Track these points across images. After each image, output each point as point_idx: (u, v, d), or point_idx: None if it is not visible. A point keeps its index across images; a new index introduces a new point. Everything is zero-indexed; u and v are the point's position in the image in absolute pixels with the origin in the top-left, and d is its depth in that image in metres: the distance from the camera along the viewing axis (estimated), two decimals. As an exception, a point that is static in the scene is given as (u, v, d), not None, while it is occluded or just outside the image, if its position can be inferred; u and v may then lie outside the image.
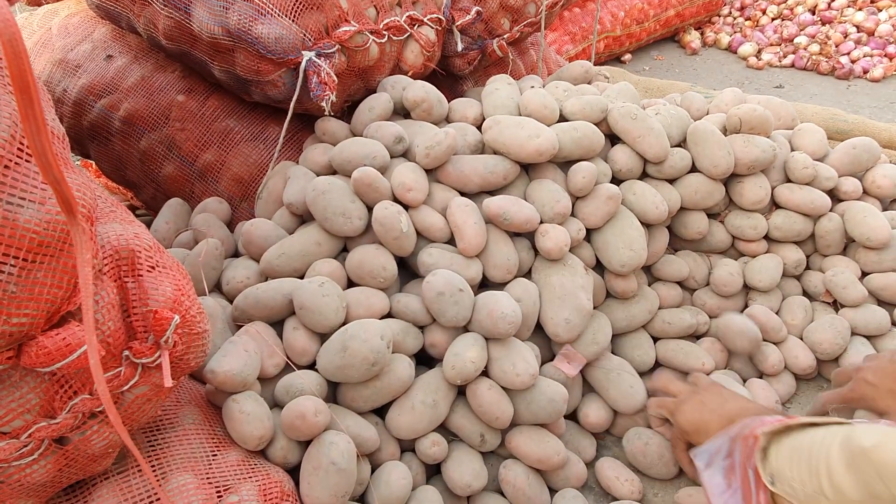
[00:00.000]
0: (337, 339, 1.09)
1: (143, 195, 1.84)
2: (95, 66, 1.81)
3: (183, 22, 1.45)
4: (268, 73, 1.40)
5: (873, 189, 1.54)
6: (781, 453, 0.87)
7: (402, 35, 1.54)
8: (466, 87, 1.96)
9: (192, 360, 0.87)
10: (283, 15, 1.35)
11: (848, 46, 3.71)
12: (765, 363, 1.39)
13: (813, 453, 0.81)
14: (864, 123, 2.45)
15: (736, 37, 4.11)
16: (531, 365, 1.14)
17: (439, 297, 1.15)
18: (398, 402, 1.14)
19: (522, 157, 1.31)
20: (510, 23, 1.87)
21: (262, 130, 1.64)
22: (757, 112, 1.46)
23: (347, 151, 1.33)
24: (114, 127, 1.74)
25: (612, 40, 3.89)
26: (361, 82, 1.55)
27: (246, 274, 1.29)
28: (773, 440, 0.90)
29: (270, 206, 1.47)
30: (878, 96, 3.33)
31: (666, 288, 1.47)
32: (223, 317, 1.18)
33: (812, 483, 0.80)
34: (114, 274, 0.81)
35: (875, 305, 1.43)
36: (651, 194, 1.38)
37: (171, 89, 1.72)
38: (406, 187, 1.25)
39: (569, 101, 1.44)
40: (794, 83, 3.58)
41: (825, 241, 1.49)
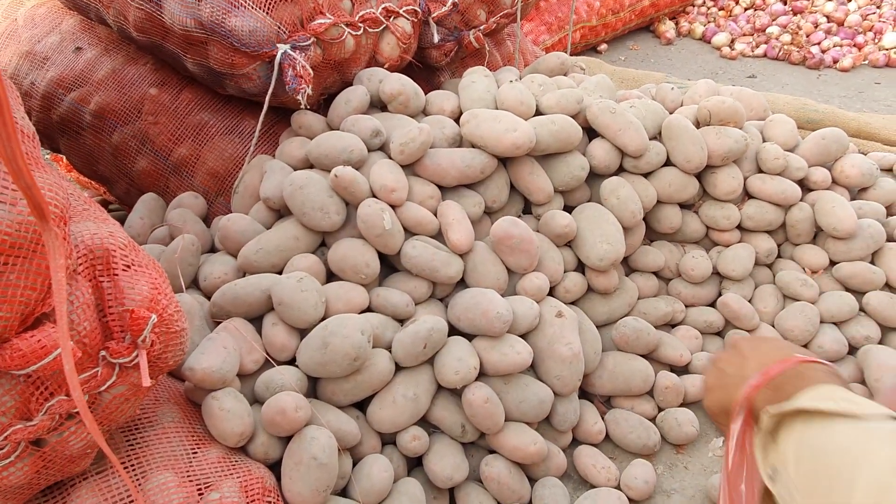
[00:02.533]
0: (317, 334, 1.09)
1: (116, 190, 1.81)
2: (64, 58, 1.77)
3: (154, 14, 1.43)
4: (242, 66, 1.39)
5: (842, 178, 1.57)
6: (789, 444, 0.62)
7: (378, 27, 1.53)
8: (443, 78, 1.96)
9: (170, 359, 0.87)
10: (257, 7, 1.33)
11: (818, 36, 3.76)
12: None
13: (841, 459, 0.55)
14: (834, 113, 2.50)
15: (710, 27, 4.15)
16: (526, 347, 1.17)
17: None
18: (379, 396, 1.15)
19: (500, 150, 1.31)
20: (486, 14, 1.87)
21: (238, 124, 1.62)
22: (727, 104, 1.49)
23: (324, 145, 1.33)
24: (84, 121, 1.71)
25: (589, 30, 3.90)
26: (338, 75, 1.54)
27: (223, 270, 1.28)
28: (784, 422, 0.65)
29: (247, 201, 1.46)
30: (848, 86, 3.39)
31: (643, 279, 1.49)
32: (201, 313, 1.17)
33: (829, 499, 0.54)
34: (88, 273, 0.80)
35: (843, 292, 1.47)
36: (632, 201, 1.39)
37: (143, 82, 1.69)
38: (389, 189, 1.25)
39: (545, 97, 1.45)
40: (766, 73, 3.63)
41: (796, 230, 1.52)
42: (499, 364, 1.16)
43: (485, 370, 1.18)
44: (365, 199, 1.24)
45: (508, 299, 1.24)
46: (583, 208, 1.41)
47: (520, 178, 1.38)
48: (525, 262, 1.28)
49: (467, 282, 1.28)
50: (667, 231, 1.52)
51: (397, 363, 1.16)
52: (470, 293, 1.23)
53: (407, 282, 1.26)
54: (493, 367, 1.17)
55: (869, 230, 1.47)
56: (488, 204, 1.37)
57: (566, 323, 1.25)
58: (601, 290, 1.38)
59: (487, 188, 1.37)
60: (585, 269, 1.39)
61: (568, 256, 1.37)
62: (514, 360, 1.16)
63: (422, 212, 1.27)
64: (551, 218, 1.35)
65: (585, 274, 1.39)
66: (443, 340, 1.17)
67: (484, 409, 1.12)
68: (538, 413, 1.18)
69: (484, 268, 1.26)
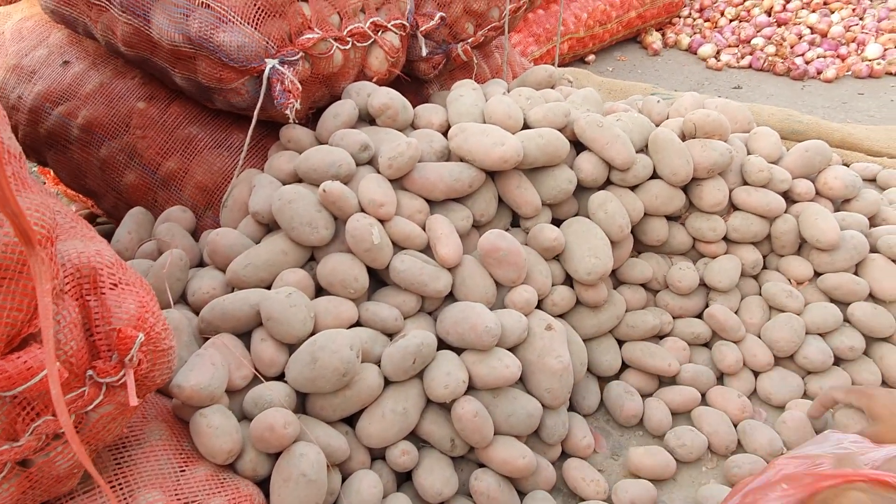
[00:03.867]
0: (306, 350, 1.09)
1: (103, 204, 1.80)
2: (52, 71, 1.77)
3: (142, 29, 1.43)
4: (230, 80, 1.39)
5: (825, 190, 1.59)
6: None
7: (366, 41, 1.54)
8: (432, 90, 1.97)
9: (157, 377, 0.86)
10: (245, 22, 1.34)
11: (802, 48, 3.82)
12: (723, 362, 1.43)
13: None
14: (817, 124, 2.53)
15: (696, 38, 4.20)
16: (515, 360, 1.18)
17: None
18: (368, 411, 1.15)
19: (488, 164, 1.32)
20: (474, 27, 1.89)
21: (226, 138, 1.62)
22: (712, 117, 1.50)
23: (313, 159, 1.33)
24: (72, 135, 1.71)
25: (576, 42, 3.94)
26: (326, 89, 1.55)
27: (212, 285, 1.28)
28: None
29: (236, 215, 1.46)
30: (831, 96, 3.44)
31: (630, 291, 1.50)
32: (189, 329, 1.17)
33: None
34: (75, 292, 0.80)
35: (828, 303, 1.49)
36: (619, 216, 1.40)
37: (131, 96, 1.69)
38: (377, 203, 1.25)
39: (532, 110, 1.46)
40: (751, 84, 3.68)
41: (780, 241, 1.54)
42: (487, 378, 1.16)
43: (473, 384, 1.18)
44: (353, 214, 1.24)
45: (497, 312, 1.24)
46: (571, 222, 1.42)
47: (508, 191, 1.39)
48: (513, 274, 1.29)
49: (456, 295, 1.29)
50: (654, 243, 1.53)
51: (386, 378, 1.16)
52: (458, 307, 1.23)
53: (395, 296, 1.26)
54: (481, 381, 1.17)
55: (852, 241, 1.48)
56: (476, 217, 1.38)
57: (555, 336, 1.26)
58: (590, 304, 1.39)
59: (475, 202, 1.38)
60: (574, 283, 1.40)
61: (556, 270, 1.38)
62: (502, 373, 1.16)
63: (410, 226, 1.28)
64: (539, 231, 1.36)
65: (574, 287, 1.39)
66: (432, 355, 1.17)
67: (473, 423, 1.12)
68: (527, 426, 1.19)
69: (472, 281, 1.27)
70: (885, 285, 1.47)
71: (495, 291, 1.30)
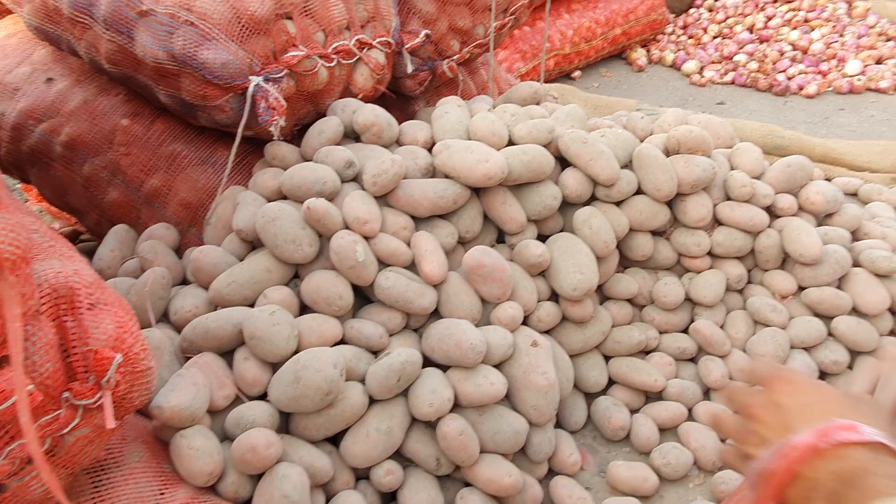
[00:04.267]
0: (289, 369, 1.08)
1: (87, 221, 1.78)
2: (35, 89, 1.76)
3: (126, 46, 1.43)
4: (214, 98, 1.39)
5: (807, 205, 1.61)
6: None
7: (352, 59, 1.54)
8: (418, 106, 1.98)
9: (136, 399, 0.85)
10: (230, 40, 1.34)
11: (784, 64, 3.87)
12: (709, 377, 1.43)
13: None
14: (799, 139, 2.56)
15: (680, 54, 4.25)
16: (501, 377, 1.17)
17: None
18: (352, 430, 1.14)
19: (472, 181, 1.32)
20: (459, 44, 1.90)
21: (211, 154, 1.62)
22: (694, 133, 1.52)
23: (297, 177, 1.33)
24: (55, 152, 1.69)
25: (562, 58, 3.97)
26: (311, 106, 1.55)
27: (194, 303, 1.27)
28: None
29: (220, 232, 1.45)
30: (813, 112, 3.48)
31: (616, 307, 1.50)
32: (170, 348, 1.16)
33: None
34: (52, 313, 0.79)
35: (812, 317, 1.49)
36: (605, 232, 1.40)
37: (115, 113, 1.68)
38: (361, 220, 1.25)
39: (517, 127, 1.47)
40: (734, 99, 3.72)
41: (764, 256, 1.55)
42: (473, 395, 1.16)
43: (459, 401, 1.17)
44: (338, 231, 1.23)
45: (482, 329, 1.24)
46: (556, 238, 1.42)
47: (493, 208, 1.39)
48: (498, 290, 1.29)
49: (441, 312, 1.28)
50: (639, 259, 1.53)
51: (371, 396, 1.15)
52: (443, 324, 1.23)
53: (380, 313, 1.26)
54: (467, 399, 1.17)
55: (834, 256, 1.50)
56: (461, 234, 1.38)
57: (541, 352, 1.25)
58: (576, 320, 1.39)
59: (460, 218, 1.38)
60: (559, 299, 1.39)
61: (541, 286, 1.38)
62: (488, 390, 1.15)
63: (395, 243, 1.27)
64: (524, 248, 1.36)
65: (559, 303, 1.39)
66: (417, 373, 1.16)
67: (458, 441, 1.11)
68: (513, 444, 1.18)
69: (458, 298, 1.26)
70: (867, 299, 1.48)
71: (480, 308, 1.29)
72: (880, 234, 1.67)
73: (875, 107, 3.50)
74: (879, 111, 3.45)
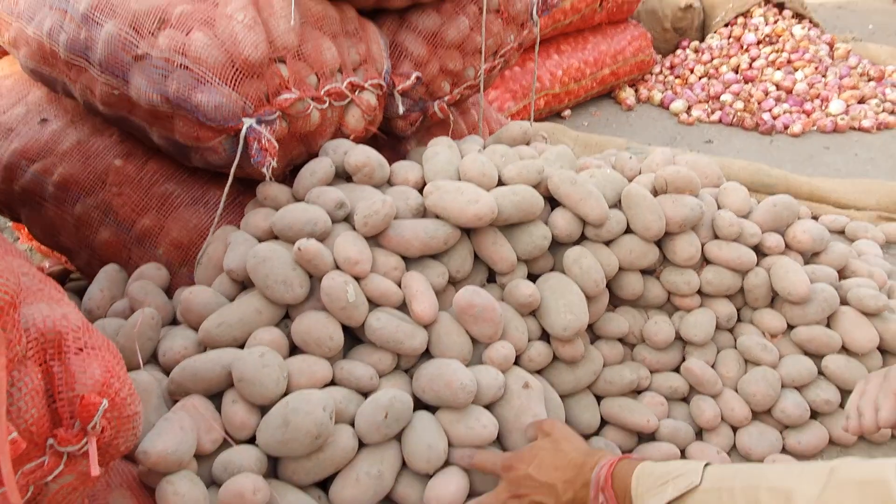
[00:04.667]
0: (277, 413, 1.07)
1: (77, 261, 1.78)
2: (29, 129, 1.77)
3: (121, 89, 1.44)
4: (207, 139, 1.40)
5: (794, 244, 1.63)
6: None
7: (344, 100, 1.56)
8: (409, 146, 2.00)
9: (122, 445, 0.84)
10: (223, 83, 1.36)
11: (769, 104, 3.96)
12: (702, 417, 1.43)
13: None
14: (786, 177, 2.61)
15: (667, 94, 4.34)
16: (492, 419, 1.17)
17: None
18: (342, 474, 1.12)
19: (463, 221, 1.33)
20: (450, 85, 1.93)
21: (203, 195, 1.63)
22: (682, 174, 1.54)
23: (289, 217, 1.34)
24: (47, 192, 1.70)
25: (552, 97, 4.04)
26: (303, 147, 1.57)
27: (184, 344, 1.26)
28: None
29: (210, 272, 1.45)
30: (799, 150, 3.55)
31: (608, 346, 1.50)
32: (158, 391, 1.15)
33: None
34: (39, 358, 0.78)
35: (802, 356, 1.50)
36: (594, 271, 1.41)
37: (108, 153, 1.69)
38: (352, 261, 1.25)
39: (506, 168, 1.49)
40: (721, 138, 3.79)
41: (753, 294, 1.56)
42: (464, 438, 1.15)
43: (450, 442, 1.17)
44: (329, 272, 1.24)
45: (473, 369, 1.23)
46: (546, 278, 1.43)
47: (483, 248, 1.40)
48: (489, 330, 1.29)
49: (432, 352, 1.28)
50: (629, 298, 1.54)
51: (360, 438, 1.13)
52: (434, 364, 1.22)
53: (371, 354, 1.25)
54: (458, 441, 1.16)
55: (822, 294, 1.51)
56: (452, 274, 1.38)
57: (532, 394, 1.25)
58: (567, 360, 1.38)
59: (451, 258, 1.38)
60: (550, 339, 1.39)
61: (532, 325, 1.38)
62: (479, 433, 1.14)
63: (385, 283, 1.27)
64: (515, 287, 1.36)
65: (550, 343, 1.39)
66: (406, 413, 1.15)
67: (452, 496, 1.10)
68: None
69: (448, 338, 1.26)
70: (856, 337, 1.49)
71: (471, 348, 1.29)
72: (867, 273, 1.69)
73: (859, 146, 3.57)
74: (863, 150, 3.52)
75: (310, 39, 1.50)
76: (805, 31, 4.58)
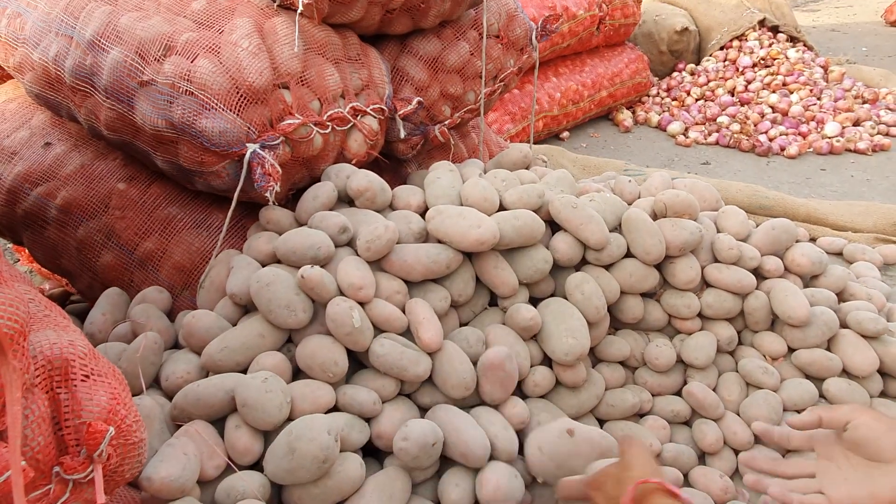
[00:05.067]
0: (282, 441, 1.06)
1: (78, 284, 1.78)
2: (33, 153, 1.78)
3: (125, 114, 1.46)
4: (211, 164, 1.42)
5: (793, 267, 1.64)
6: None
7: (346, 125, 1.58)
8: (410, 169, 2.02)
9: (127, 472, 0.84)
10: (228, 109, 1.37)
11: (765, 126, 4.00)
12: (704, 441, 1.42)
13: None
14: (783, 199, 2.63)
15: (664, 116, 4.38)
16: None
17: (415, 460, 1.13)
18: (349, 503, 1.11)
19: (464, 246, 1.34)
20: (451, 109, 1.95)
21: (206, 218, 1.63)
22: (681, 197, 1.56)
23: (292, 241, 1.34)
24: (50, 215, 1.71)
25: (551, 119, 4.08)
26: (306, 171, 1.58)
27: (186, 369, 1.26)
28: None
29: (213, 296, 1.45)
30: (795, 172, 3.57)
31: (609, 369, 1.50)
32: (161, 417, 1.14)
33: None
34: (45, 385, 0.78)
35: (803, 379, 1.50)
36: (596, 297, 1.42)
37: (111, 177, 1.70)
38: (356, 287, 1.26)
39: (507, 193, 1.50)
40: (719, 160, 3.81)
41: (753, 317, 1.57)
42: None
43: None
44: (333, 298, 1.24)
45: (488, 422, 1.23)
46: (548, 303, 1.43)
47: (485, 272, 1.41)
48: (500, 395, 1.28)
49: (434, 379, 1.27)
50: (630, 321, 1.55)
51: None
52: (447, 417, 1.20)
53: (374, 380, 1.25)
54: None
55: (822, 317, 1.52)
56: (454, 298, 1.39)
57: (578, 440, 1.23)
58: (569, 385, 1.39)
59: (453, 282, 1.39)
60: (553, 363, 1.40)
61: (534, 350, 1.39)
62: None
63: (389, 308, 1.28)
64: (516, 311, 1.37)
65: (553, 367, 1.39)
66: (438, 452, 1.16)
67: None
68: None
69: (450, 366, 1.26)
70: (856, 361, 1.49)
71: (474, 377, 1.28)
72: (866, 296, 1.70)
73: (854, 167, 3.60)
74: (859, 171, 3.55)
75: (313, 65, 1.52)
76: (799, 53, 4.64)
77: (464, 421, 1.19)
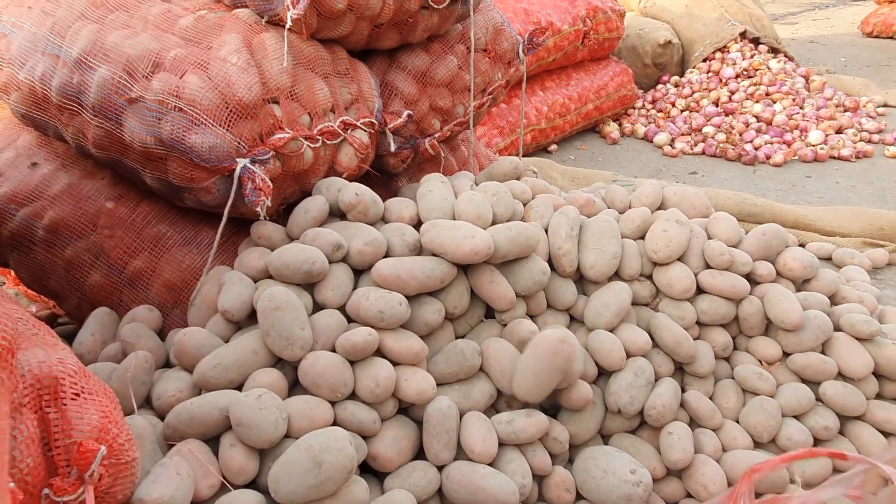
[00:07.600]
0: (302, 457, 1.03)
1: (66, 305, 1.75)
2: (18, 173, 1.76)
3: (113, 132, 1.45)
4: (201, 180, 1.41)
5: (785, 272, 1.64)
6: None
7: (336, 139, 1.58)
8: (401, 183, 2.01)
9: (119, 493, 0.82)
10: (217, 124, 1.37)
11: (750, 135, 4.03)
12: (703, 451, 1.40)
13: None
14: (771, 206, 2.64)
15: (651, 127, 4.41)
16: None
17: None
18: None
19: (459, 257, 1.33)
20: (440, 123, 1.96)
21: (196, 235, 1.62)
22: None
23: (285, 256, 1.33)
24: (37, 236, 1.68)
25: (539, 132, 4.10)
26: (297, 185, 1.57)
27: (178, 387, 1.24)
28: None
29: (204, 314, 1.43)
30: (781, 179, 3.60)
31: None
32: (153, 436, 1.12)
33: None
34: (34, 405, 0.76)
35: (799, 384, 1.50)
36: (609, 342, 1.42)
37: (99, 196, 1.68)
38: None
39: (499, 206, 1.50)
40: (706, 169, 3.84)
41: (748, 323, 1.57)
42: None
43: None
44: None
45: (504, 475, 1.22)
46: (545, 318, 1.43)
47: (481, 286, 1.40)
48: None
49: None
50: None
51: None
52: (464, 472, 1.19)
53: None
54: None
55: (816, 321, 1.52)
56: (449, 310, 1.38)
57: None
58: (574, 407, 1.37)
59: (448, 295, 1.38)
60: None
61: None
62: None
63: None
64: (518, 325, 1.36)
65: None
66: None
67: None
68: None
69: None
70: (852, 363, 1.49)
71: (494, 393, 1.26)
72: (857, 298, 1.71)
73: (839, 174, 3.64)
74: (844, 178, 3.58)
75: (302, 80, 1.52)
76: (781, 64, 4.70)
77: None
